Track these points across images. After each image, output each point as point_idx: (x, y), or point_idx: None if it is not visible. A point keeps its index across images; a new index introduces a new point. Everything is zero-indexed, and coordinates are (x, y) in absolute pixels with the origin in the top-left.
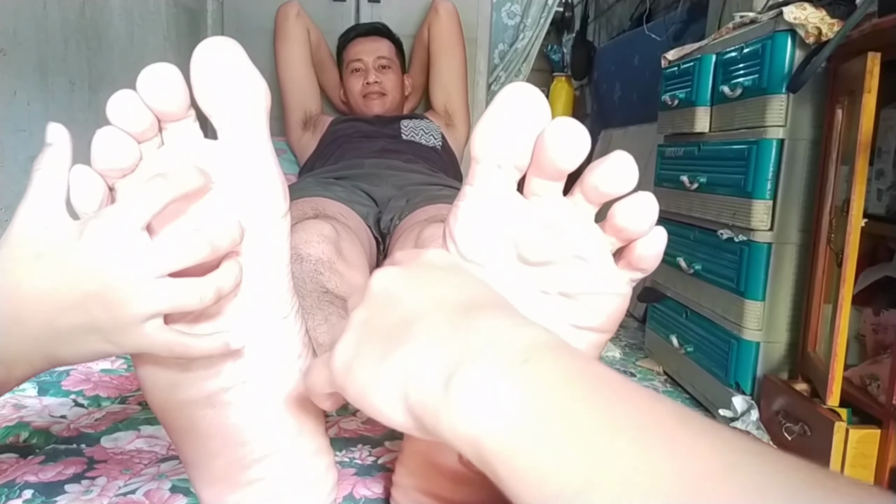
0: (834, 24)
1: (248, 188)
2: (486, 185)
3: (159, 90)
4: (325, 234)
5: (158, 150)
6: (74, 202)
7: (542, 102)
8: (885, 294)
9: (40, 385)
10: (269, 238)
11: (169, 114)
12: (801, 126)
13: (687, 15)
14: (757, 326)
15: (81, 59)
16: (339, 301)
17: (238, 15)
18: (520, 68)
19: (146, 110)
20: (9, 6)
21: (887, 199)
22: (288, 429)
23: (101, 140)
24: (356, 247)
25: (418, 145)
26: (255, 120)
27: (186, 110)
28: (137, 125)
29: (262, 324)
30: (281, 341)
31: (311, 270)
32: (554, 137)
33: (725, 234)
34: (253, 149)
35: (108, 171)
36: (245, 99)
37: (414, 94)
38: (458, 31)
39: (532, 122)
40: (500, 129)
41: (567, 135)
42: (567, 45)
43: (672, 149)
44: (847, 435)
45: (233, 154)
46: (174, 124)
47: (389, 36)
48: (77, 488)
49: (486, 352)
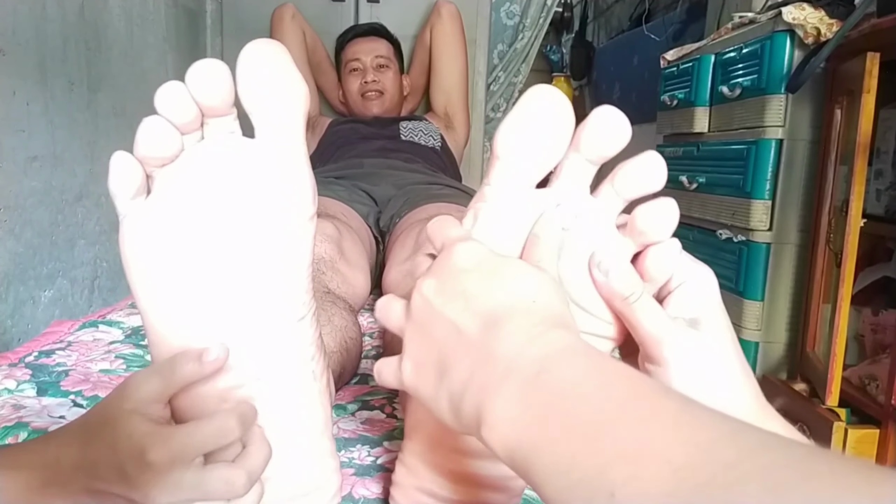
0: (833, 24)
1: (280, 188)
2: (505, 184)
3: (208, 85)
4: (328, 234)
5: (199, 143)
6: (111, 185)
7: (567, 106)
8: (883, 294)
9: (39, 385)
10: (295, 239)
11: (214, 108)
12: (799, 126)
13: (686, 15)
14: (756, 326)
15: (81, 59)
16: (342, 302)
17: (237, 15)
18: (519, 68)
19: (192, 103)
20: (8, 6)
21: (886, 200)
22: (296, 429)
23: (146, 128)
24: (357, 246)
25: (417, 146)
26: (294, 121)
27: (230, 107)
28: (183, 117)
29: (280, 323)
30: (296, 342)
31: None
32: (600, 123)
33: (724, 235)
34: (289, 149)
35: (148, 158)
36: (287, 100)
37: (413, 96)
38: (461, 33)
39: (557, 124)
40: (525, 130)
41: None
42: (566, 45)
43: (671, 149)
44: (846, 435)
45: (269, 153)
46: (216, 119)
47: (387, 36)
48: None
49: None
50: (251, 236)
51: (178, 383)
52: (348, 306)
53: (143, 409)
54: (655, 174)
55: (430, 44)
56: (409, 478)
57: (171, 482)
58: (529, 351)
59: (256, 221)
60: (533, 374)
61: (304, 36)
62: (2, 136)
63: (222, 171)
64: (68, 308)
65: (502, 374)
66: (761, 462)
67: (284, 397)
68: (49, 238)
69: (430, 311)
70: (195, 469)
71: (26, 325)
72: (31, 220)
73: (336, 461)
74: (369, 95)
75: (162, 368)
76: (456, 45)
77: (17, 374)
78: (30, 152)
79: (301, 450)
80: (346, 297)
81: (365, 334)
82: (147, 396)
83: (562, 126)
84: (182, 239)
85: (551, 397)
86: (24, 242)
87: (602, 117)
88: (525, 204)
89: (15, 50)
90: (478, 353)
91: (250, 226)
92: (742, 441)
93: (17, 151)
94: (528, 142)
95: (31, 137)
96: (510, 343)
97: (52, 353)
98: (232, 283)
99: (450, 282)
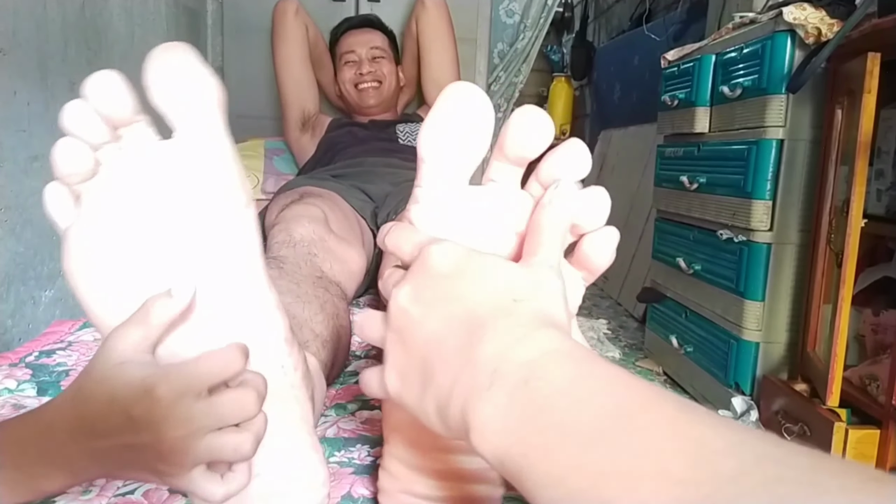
0: (834, 24)
1: (205, 181)
2: (434, 185)
3: (105, 97)
4: (312, 215)
5: (116, 152)
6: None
7: (484, 100)
8: (884, 294)
9: (39, 385)
10: (235, 228)
11: (118, 119)
12: (800, 126)
13: (687, 15)
14: (756, 327)
15: (81, 59)
16: (334, 287)
17: (238, 15)
18: (519, 68)
19: (96, 117)
20: (8, 6)
21: (887, 200)
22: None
23: (58, 150)
24: (345, 222)
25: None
26: (206, 116)
27: (135, 114)
28: (92, 133)
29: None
30: (266, 333)
31: (305, 253)
32: (520, 123)
33: (725, 235)
34: (207, 144)
35: (68, 176)
36: (193, 96)
37: (408, 87)
38: (447, 23)
39: (475, 120)
40: (443, 129)
41: (533, 122)
42: (567, 45)
43: (672, 149)
44: (846, 435)
45: (187, 151)
46: (127, 128)
47: (382, 27)
48: (76, 488)
49: (494, 381)
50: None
51: (157, 325)
52: (341, 292)
53: (133, 360)
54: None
55: (416, 34)
56: (394, 482)
57: (181, 414)
58: (515, 355)
59: (187, 219)
60: (521, 380)
61: (306, 31)
62: (3, 135)
63: (143, 175)
64: (69, 308)
65: (488, 380)
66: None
67: None
68: (50, 238)
69: (408, 320)
70: (204, 398)
71: (27, 325)
72: (32, 219)
73: (321, 454)
74: (365, 87)
75: (136, 317)
76: (443, 34)
77: (18, 373)
78: (30, 152)
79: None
80: (340, 278)
81: None
82: (132, 346)
83: (481, 122)
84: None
85: (542, 405)
86: (25, 242)
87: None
88: (456, 201)
89: (16, 50)
90: (461, 357)
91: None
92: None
93: (17, 151)
94: (450, 141)
95: (31, 137)
96: (494, 347)
97: (53, 352)
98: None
99: (426, 287)
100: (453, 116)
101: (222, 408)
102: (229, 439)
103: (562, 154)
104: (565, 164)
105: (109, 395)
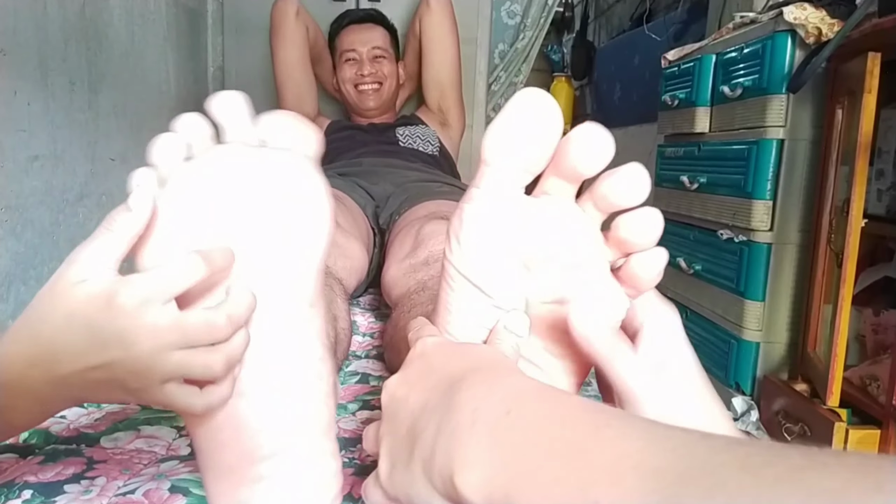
0: (834, 24)
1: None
2: (493, 189)
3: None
4: None
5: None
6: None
7: (556, 108)
8: (884, 294)
9: None
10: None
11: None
12: (801, 126)
13: (687, 15)
14: (757, 327)
15: (81, 58)
16: (338, 287)
17: (238, 15)
18: (520, 68)
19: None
20: (9, 6)
21: (887, 200)
22: (299, 428)
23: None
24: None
25: (417, 152)
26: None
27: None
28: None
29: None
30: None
31: None
32: (580, 141)
33: (725, 235)
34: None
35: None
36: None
37: (408, 83)
38: (451, 23)
39: (545, 128)
40: (512, 134)
41: (593, 140)
42: (567, 45)
43: (672, 149)
44: (847, 435)
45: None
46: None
47: (384, 23)
48: (76, 488)
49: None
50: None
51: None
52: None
53: (93, 276)
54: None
55: (419, 34)
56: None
57: (148, 324)
58: (494, 394)
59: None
60: (503, 413)
61: (306, 33)
62: (3, 135)
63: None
64: None
65: (470, 420)
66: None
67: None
68: (50, 238)
69: (396, 402)
70: (172, 309)
71: None
72: (32, 219)
73: (338, 464)
74: (365, 89)
75: (97, 232)
76: (446, 35)
77: None
78: (31, 152)
79: (303, 448)
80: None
81: (365, 334)
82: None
83: (550, 131)
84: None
85: (525, 431)
86: (25, 242)
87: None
88: (510, 208)
89: (16, 50)
90: (442, 407)
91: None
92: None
93: (17, 151)
94: (516, 147)
95: (31, 137)
96: (474, 392)
97: None
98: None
99: (412, 369)
100: (523, 122)
101: (189, 325)
102: (199, 357)
103: (621, 180)
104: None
105: (68, 311)
